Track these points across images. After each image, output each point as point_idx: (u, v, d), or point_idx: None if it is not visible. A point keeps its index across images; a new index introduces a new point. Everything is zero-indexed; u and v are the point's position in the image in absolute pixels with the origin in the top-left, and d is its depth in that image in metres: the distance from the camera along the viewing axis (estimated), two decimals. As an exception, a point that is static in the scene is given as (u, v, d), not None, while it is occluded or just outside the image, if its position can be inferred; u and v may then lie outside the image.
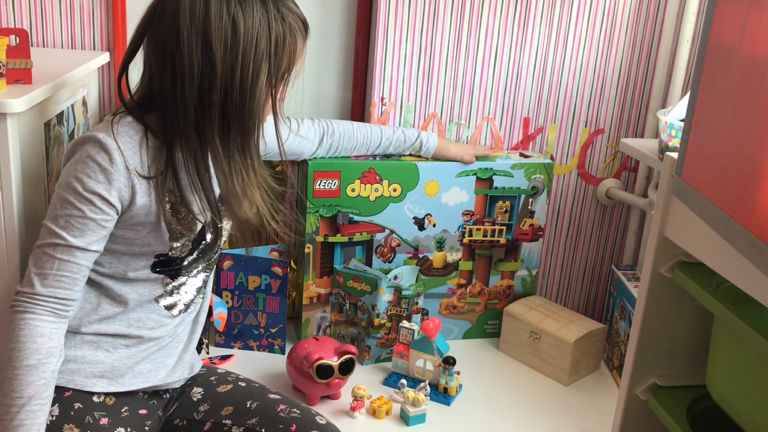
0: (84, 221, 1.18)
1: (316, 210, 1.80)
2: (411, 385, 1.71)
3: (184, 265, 1.34)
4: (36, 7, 1.78)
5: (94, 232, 1.20)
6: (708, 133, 1.06)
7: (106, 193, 1.19)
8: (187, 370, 1.41)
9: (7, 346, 1.16)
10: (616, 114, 2.04)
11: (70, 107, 1.56)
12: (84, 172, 1.18)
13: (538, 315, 1.89)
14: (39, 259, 1.19)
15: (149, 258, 1.29)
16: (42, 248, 1.19)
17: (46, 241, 1.19)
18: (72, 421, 1.23)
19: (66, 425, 1.22)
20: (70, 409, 1.23)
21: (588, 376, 1.90)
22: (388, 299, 1.81)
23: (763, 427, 1.08)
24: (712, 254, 1.10)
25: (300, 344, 1.69)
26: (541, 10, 1.91)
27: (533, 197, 1.92)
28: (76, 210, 1.18)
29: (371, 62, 1.91)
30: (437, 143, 1.84)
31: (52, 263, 1.18)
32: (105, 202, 1.19)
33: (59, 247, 1.18)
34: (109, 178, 1.18)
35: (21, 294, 1.18)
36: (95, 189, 1.18)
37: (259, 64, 1.20)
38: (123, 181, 1.20)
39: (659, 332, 1.31)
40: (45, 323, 1.18)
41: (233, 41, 1.18)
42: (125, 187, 1.20)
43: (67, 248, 1.18)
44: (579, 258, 2.17)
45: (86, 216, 1.18)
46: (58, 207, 1.19)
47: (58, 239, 1.18)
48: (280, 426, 1.31)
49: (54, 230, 1.18)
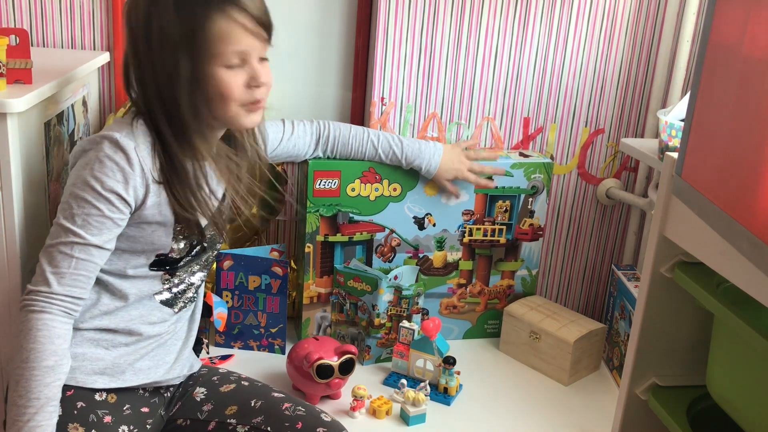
0: (102, 219, 1.20)
1: (317, 210, 1.80)
2: (411, 385, 1.71)
3: (180, 265, 1.34)
4: (36, 7, 1.78)
5: (110, 230, 1.21)
6: (708, 133, 1.06)
7: (124, 192, 1.20)
8: (186, 368, 1.41)
9: (23, 346, 1.16)
10: (616, 114, 2.04)
11: (70, 107, 1.57)
12: (102, 172, 1.19)
13: (538, 315, 1.89)
14: (54, 258, 1.19)
15: (149, 256, 1.30)
16: (57, 247, 1.19)
17: (62, 239, 1.19)
18: (76, 420, 1.23)
19: (71, 424, 1.22)
20: (73, 408, 1.24)
21: (588, 376, 1.90)
22: (389, 299, 1.81)
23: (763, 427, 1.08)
24: (712, 254, 1.10)
25: (300, 344, 1.69)
26: (541, 10, 1.91)
27: (533, 197, 1.92)
28: (94, 209, 1.19)
29: (371, 62, 1.91)
30: (436, 173, 1.78)
31: (69, 262, 1.19)
32: (122, 201, 1.21)
33: (77, 245, 1.19)
34: (127, 178, 1.20)
35: (36, 293, 1.18)
36: (114, 188, 1.20)
37: (173, 52, 1.20)
38: (139, 181, 1.22)
39: (659, 332, 1.31)
40: (61, 324, 1.19)
41: (145, 33, 1.21)
42: (140, 187, 1.22)
43: (85, 246, 1.19)
44: (579, 258, 2.17)
45: (104, 215, 1.20)
46: (74, 206, 1.19)
47: (76, 237, 1.19)
48: (286, 424, 1.31)
49: (71, 228, 1.19)
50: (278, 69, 1.95)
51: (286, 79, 1.95)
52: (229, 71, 1.24)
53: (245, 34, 1.24)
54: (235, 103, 1.26)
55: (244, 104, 1.27)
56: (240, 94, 1.26)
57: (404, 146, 1.76)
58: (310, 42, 1.94)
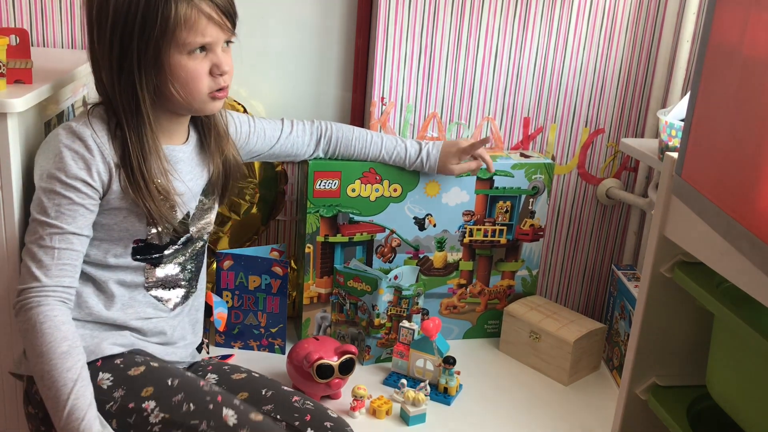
0: (73, 207, 1.23)
1: (317, 210, 1.80)
2: (411, 385, 1.71)
3: (165, 254, 1.36)
4: (36, 7, 1.78)
5: (84, 216, 1.24)
6: (708, 133, 1.06)
7: (89, 178, 1.23)
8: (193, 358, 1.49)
9: (33, 343, 1.18)
10: (616, 114, 2.04)
11: (70, 107, 1.57)
12: (64, 161, 1.22)
13: (539, 315, 1.89)
14: (36, 254, 1.21)
15: (127, 243, 1.32)
16: (36, 242, 1.21)
17: (40, 233, 1.21)
18: (133, 371, 1.27)
19: (131, 370, 1.27)
20: (123, 370, 1.27)
21: (588, 376, 1.90)
22: (389, 299, 1.81)
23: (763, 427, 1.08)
24: (712, 254, 1.10)
25: (300, 344, 1.69)
26: (541, 10, 1.91)
27: (534, 197, 1.92)
28: (64, 198, 1.22)
29: (371, 62, 1.91)
30: (437, 162, 1.77)
31: (51, 254, 1.21)
32: (89, 187, 1.24)
33: (55, 236, 1.21)
34: (88, 164, 1.23)
35: (27, 291, 1.20)
36: (78, 175, 1.22)
37: (130, 37, 1.21)
38: (101, 166, 1.24)
39: (659, 332, 1.31)
40: (61, 312, 1.20)
41: (105, 16, 1.22)
42: (104, 172, 1.25)
43: (64, 235, 1.22)
44: (579, 258, 2.17)
45: (75, 202, 1.23)
46: (45, 199, 1.22)
47: (53, 228, 1.21)
48: (296, 415, 1.33)
49: (46, 221, 1.21)
50: (278, 69, 1.95)
51: (286, 79, 1.95)
52: (194, 60, 1.26)
53: (210, 25, 1.25)
54: (201, 90, 1.28)
55: (210, 92, 1.29)
56: (206, 82, 1.28)
57: (409, 150, 1.78)
58: (310, 42, 1.94)
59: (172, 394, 1.25)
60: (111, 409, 1.22)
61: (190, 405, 1.24)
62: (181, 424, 1.22)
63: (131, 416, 1.22)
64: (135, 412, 1.22)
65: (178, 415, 1.22)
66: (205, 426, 1.22)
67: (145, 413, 1.22)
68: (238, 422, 1.23)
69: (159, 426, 1.22)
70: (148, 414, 1.22)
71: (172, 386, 1.26)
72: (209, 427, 1.22)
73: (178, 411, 1.23)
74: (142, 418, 1.22)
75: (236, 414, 1.24)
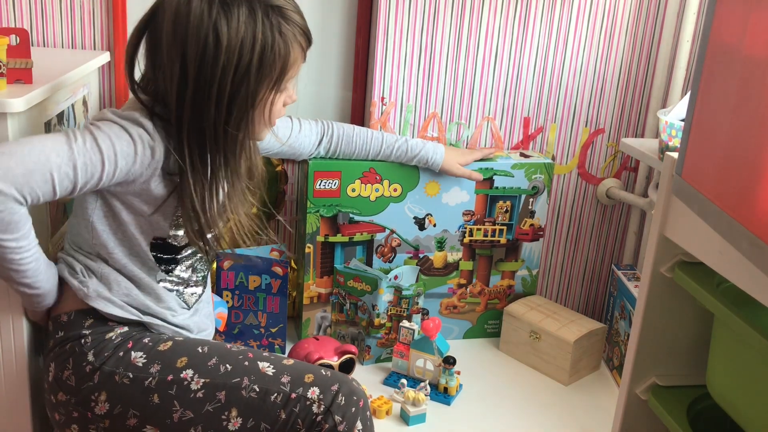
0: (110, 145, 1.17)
1: (317, 210, 1.80)
2: (411, 384, 1.71)
3: (180, 257, 1.36)
4: (36, 7, 1.78)
5: (117, 159, 1.18)
6: (708, 133, 1.07)
7: (125, 165, 1.19)
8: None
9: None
10: (616, 114, 2.04)
11: (70, 107, 1.57)
12: (121, 139, 1.18)
13: (538, 315, 1.89)
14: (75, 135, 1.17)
15: (147, 236, 1.30)
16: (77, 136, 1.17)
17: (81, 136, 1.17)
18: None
19: (159, 345, 1.28)
20: (153, 347, 1.28)
21: (588, 375, 1.90)
22: (389, 299, 1.81)
23: (763, 427, 1.08)
24: (712, 254, 1.10)
25: (300, 344, 1.69)
26: (541, 10, 1.91)
27: (534, 197, 1.92)
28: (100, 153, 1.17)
29: (371, 62, 1.91)
30: (443, 161, 1.79)
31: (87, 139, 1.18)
32: (118, 169, 1.19)
33: (91, 139, 1.17)
34: (136, 159, 1.20)
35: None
36: (121, 156, 1.18)
37: (241, 78, 1.18)
38: (146, 167, 1.21)
39: (659, 332, 1.31)
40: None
41: (214, 54, 1.16)
42: (145, 171, 1.22)
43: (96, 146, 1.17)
44: (579, 258, 2.17)
45: (103, 162, 1.17)
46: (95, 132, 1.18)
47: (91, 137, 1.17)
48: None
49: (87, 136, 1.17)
50: (278, 69, 1.95)
51: (286, 79, 1.95)
52: (281, 94, 1.27)
53: (302, 63, 1.27)
54: (274, 123, 1.29)
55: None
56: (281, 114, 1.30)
57: (410, 141, 1.79)
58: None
59: (206, 359, 1.26)
60: (151, 385, 1.23)
61: (227, 366, 1.26)
62: (224, 385, 1.24)
63: (172, 388, 1.23)
64: (175, 383, 1.23)
65: (218, 377, 1.24)
66: (248, 381, 1.24)
67: (185, 382, 1.23)
68: (276, 370, 1.26)
69: (202, 392, 1.23)
70: (188, 382, 1.24)
71: (204, 352, 1.27)
72: (252, 381, 1.24)
73: (216, 373, 1.24)
74: (183, 388, 1.23)
75: (271, 364, 1.27)
